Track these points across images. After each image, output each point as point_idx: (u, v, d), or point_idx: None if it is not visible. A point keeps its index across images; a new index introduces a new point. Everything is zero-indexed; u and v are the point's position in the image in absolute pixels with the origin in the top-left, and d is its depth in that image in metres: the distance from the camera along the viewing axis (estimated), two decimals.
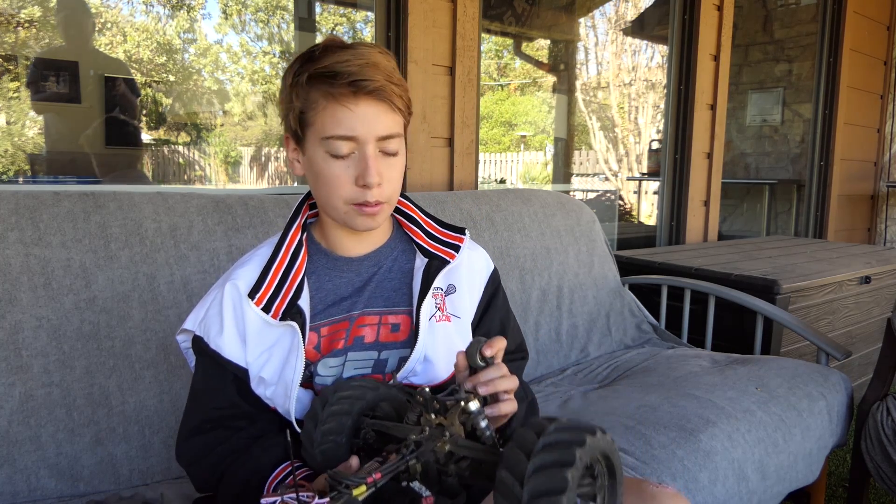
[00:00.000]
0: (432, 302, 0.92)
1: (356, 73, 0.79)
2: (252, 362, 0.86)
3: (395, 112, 0.84)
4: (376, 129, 0.82)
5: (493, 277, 1.02)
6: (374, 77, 0.80)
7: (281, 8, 6.35)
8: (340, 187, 0.83)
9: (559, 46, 5.38)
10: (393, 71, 0.83)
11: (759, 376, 1.54)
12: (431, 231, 0.98)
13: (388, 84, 0.81)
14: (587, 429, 0.56)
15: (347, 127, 0.81)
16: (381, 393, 0.80)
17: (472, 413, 0.69)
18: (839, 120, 3.73)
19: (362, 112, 0.81)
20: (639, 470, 1.15)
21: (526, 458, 0.54)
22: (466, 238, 0.99)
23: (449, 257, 0.94)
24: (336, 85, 0.80)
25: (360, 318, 0.91)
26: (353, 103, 0.80)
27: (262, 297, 0.85)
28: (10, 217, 1.16)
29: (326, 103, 0.81)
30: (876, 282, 2.44)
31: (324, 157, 0.83)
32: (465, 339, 0.95)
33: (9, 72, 3.72)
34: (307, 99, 0.82)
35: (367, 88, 0.80)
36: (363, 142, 0.82)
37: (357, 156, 0.82)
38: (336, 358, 0.89)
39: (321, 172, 0.84)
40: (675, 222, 3.04)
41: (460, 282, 0.96)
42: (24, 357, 1.11)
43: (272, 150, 7.27)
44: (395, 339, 0.91)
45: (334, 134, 0.81)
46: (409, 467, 0.66)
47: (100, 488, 1.15)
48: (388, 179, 0.85)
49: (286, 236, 0.90)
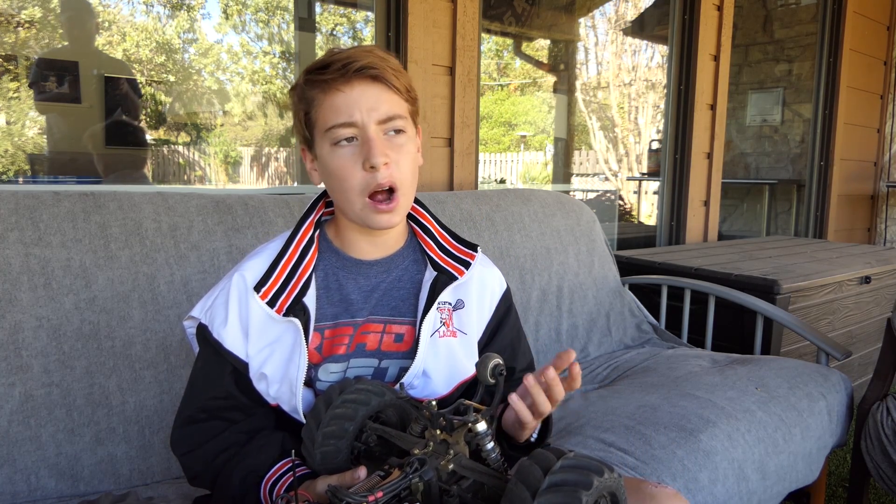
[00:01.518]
0: (437, 316, 0.90)
1: (346, 57, 0.80)
2: (253, 356, 0.86)
3: (393, 91, 0.83)
4: (375, 110, 0.82)
5: (506, 297, 1.01)
6: (364, 59, 0.80)
7: (281, 8, 6.35)
8: (350, 176, 0.83)
9: (559, 46, 5.38)
10: (389, 57, 0.84)
11: (759, 376, 1.54)
12: (444, 244, 0.97)
13: (380, 63, 0.82)
14: (594, 469, 0.55)
15: (345, 113, 0.81)
16: (386, 400, 0.79)
17: (479, 434, 0.68)
18: (839, 120, 3.73)
19: (357, 94, 0.81)
20: (639, 470, 1.15)
21: (531, 496, 0.53)
22: (478, 255, 0.97)
23: (458, 273, 0.93)
24: (328, 73, 0.81)
25: (365, 325, 0.90)
26: (345, 85, 0.81)
27: (268, 290, 0.85)
28: (10, 217, 1.16)
29: (324, 95, 0.82)
30: (876, 282, 2.44)
31: (330, 151, 0.83)
32: (471, 355, 0.94)
33: (9, 72, 3.72)
34: (306, 98, 0.84)
35: (356, 66, 0.80)
36: (363, 125, 0.82)
37: (360, 141, 0.82)
38: (338, 364, 0.88)
39: (330, 166, 0.84)
40: (675, 222, 3.04)
41: (469, 298, 0.95)
42: (24, 357, 1.11)
43: (272, 150, 7.27)
44: (397, 349, 0.90)
45: (334, 123, 0.82)
46: (412, 486, 0.65)
47: (100, 488, 1.15)
48: (396, 161, 0.84)
49: (298, 231, 0.90)
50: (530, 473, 0.55)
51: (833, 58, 3.68)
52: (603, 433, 1.27)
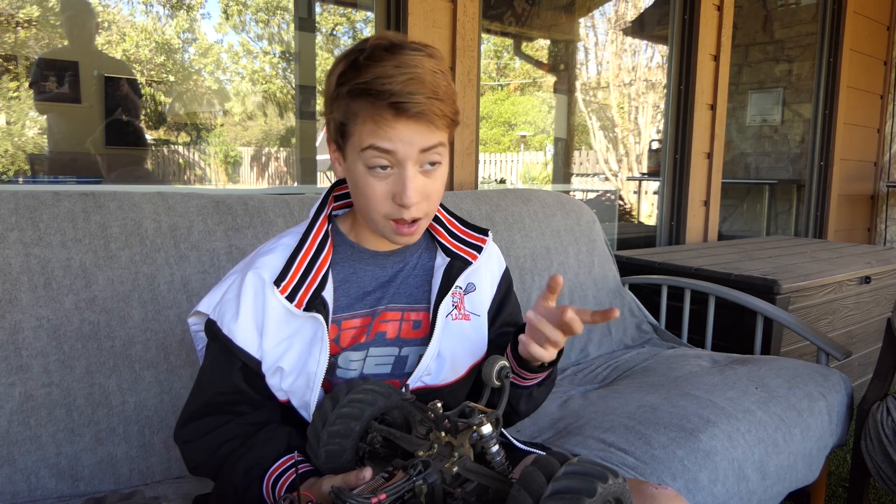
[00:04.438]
0: (450, 301, 0.92)
1: (398, 92, 0.76)
2: (269, 351, 0.85)
3: (437, 129, 0.82)
4: (416, 147, 0.80)
5: (506, 275, 1.03)
6: (415, 98, 0.77)
7: (281, 8, 6.35)
8: (378, 202, 0.82)
9: (559, 46, 5.38)
10: (440, 80, 0.80)
11: (759, 376, 1.54)
12: (454, 230, 0.99)
13: (431, 103, 0.78)
14: (598, 475, 0.54)
15: (386, 142, 0.79)
16: (392, 401, 0.79)
17: (484, 437, 0.68)
18: (839, 120, 3.73)
19: (402, 132, 0.79)
20: (639, 470, 1.15)
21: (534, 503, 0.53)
22: (489, 239, 1.00)
23: (471, 258, 0.95)
24: (377, 105, 0.77)
25: (383, 314, 0.91)
26: (392, 125, 0.78)
27: (287, 285, 0.84)
28: (10, 217, 1.16)
29: (366, 119, 0.79)
30: (876, 282, 2.44)
31: (363, 172, 0.82)
32: (482, 336, 0.96)
33: (9, 72, 3.72)
34: (348, 111, 0.81)
35: (409, 112, 0.77)
36: (402, 160, 0.80)
37: (396, 173, 0.81)
38: (357, 352, 0.89)
39: (359, 185, 0.83)
40: (675, 222, 3.04)
41: (480, 280, 0.98)
42: (24, 357, 1.11)
43: (272, 150, 7.27)
44: (416, 336, 0.92)
45: (373, 149, 0.79)
46: (415, 488, 0.65)
47: (100, 488, 1.15)
48: (427, 196, 0.83)
49: (313, 226, 0.90)
50: (534, 480, 0.55)
51: (833, 58, 3.68)
52: (603, 433, 1.27)
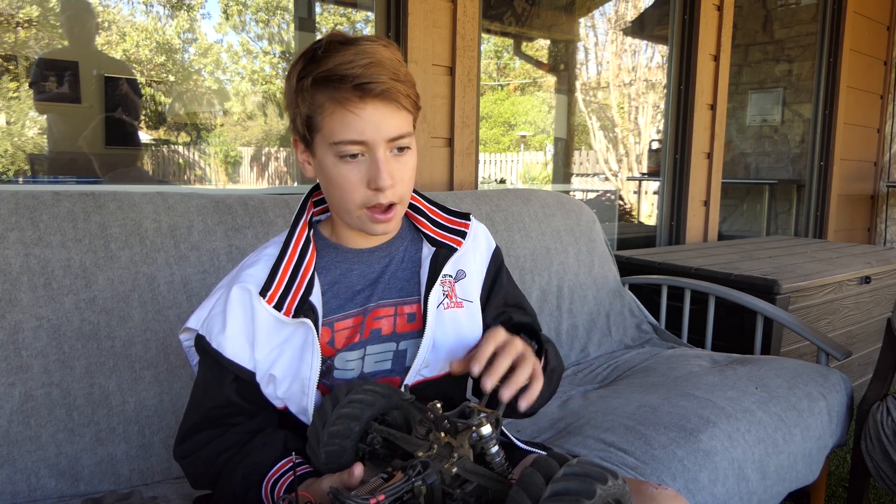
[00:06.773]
0: (440, 290, 0.92)
1: (361, 75, 0.78)
2: (261, 360, 0.86)
3: (403, 111, 0.83)
4: (386, 132, 0.81)
5: (496, 256, 1.02)
6: (379, 78, 0.78)
7: (281, 8, 6.35)
8: (353, 191, 0.83)
9: (559, 46, 5.38)
10: (398, 66, 0.82)
11: (759, 376, 1.54)
12: (436, 219, 0.99)
13: (394, 83, 0.80)
14: (597, 476, 0.54)
15: (356, 131, 0.80)
16: (392, 402, 0.79)
17: (484, 437, 0.67)
18: (839, 120, 3.73)
19: (370, 115, 0.79)
20: (639, 470, 1.15)
21: None
22: (472, 223, 0.99)
23: (456, 244, 0.95)
24: (341, 89, 0.78)
25: (375, 311, 0.91)
26: (359, 107, 0.79)
27: (273, 294, 0.84)
28: (10, 217, 1.16)
29: (333, 108, 0.80)
30: (876, 282, 2.44)
31: (334, 162, 0.82)
32: (477, 322, 0.95)
33: (9, 72, 3.72)
34: (313, 103, 0.81)
35: (373, 91, 0.78)
36: (373, 145, 0.81)
37: (367, 159, 0.82)
38: (354, 352, 0.89)
39: (332, 177, 0.83)
40: (675, 222, 3.04)
41: (469, 266, 0.97)
42: (24, 357, 1.11)
43: (272, 150, 7.27)
44: (411, 329, 0.92)
45: (343, 139, 0.80)
46: (414, 489, 0.64)
47: (100, 488, 1.15)
48: (401, 179, 0.84)
49: (293, 233, 0.90)
50: (533, 481, 0.54)
51: (833, 58, 3.68)
52: (603, 433, 1.27)
